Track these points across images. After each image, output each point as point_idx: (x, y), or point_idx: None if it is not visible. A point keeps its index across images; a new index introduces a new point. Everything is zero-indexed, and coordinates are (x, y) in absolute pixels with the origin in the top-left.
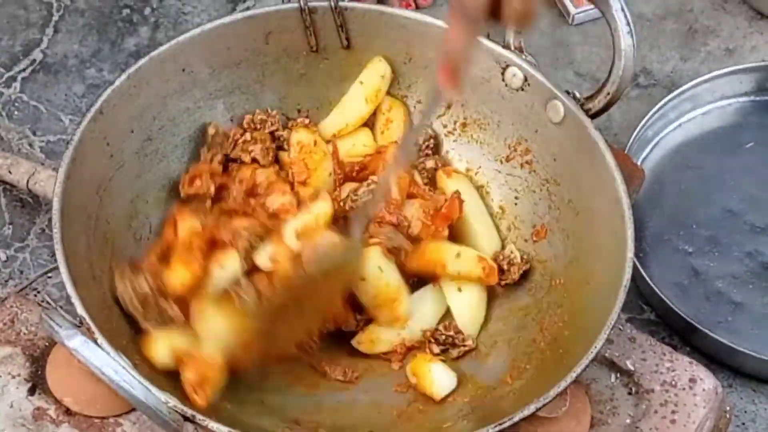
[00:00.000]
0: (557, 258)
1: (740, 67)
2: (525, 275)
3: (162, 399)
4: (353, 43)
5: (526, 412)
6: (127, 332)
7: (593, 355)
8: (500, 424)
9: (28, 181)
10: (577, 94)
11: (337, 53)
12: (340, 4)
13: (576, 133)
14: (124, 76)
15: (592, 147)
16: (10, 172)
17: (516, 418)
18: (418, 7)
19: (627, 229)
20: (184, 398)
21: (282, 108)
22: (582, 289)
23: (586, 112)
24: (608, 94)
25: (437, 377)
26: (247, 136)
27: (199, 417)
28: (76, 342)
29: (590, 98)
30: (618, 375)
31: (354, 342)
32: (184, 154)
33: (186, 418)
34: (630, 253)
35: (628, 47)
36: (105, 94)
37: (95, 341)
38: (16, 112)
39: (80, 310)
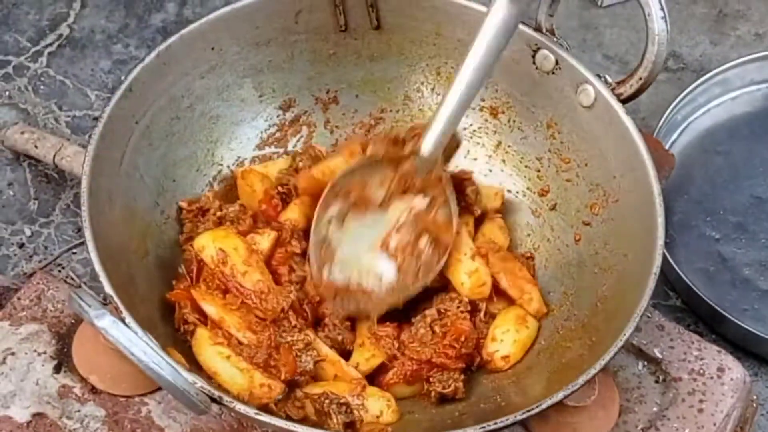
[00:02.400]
0: (586, 242)
1: None
2: (555, 258)
3: (190, 380)
4: (382, 23)
5: (555, 399)
6: (154, 312)
7: (622, 343)
8: (529, 411)
9: (54, 156)
10: (609, 79)
11: (366, 34)
12: None
13: (607, 118)
14: (153, 54)
15: (623, 132)
16: (36, 147)
17: (544, 405)
18: None
19: (657, 216)
20: (210, 380)
21: (310, 88)
22: (611, 275)
23: (618, 96)
24: (640, 79)
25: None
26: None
27: (226, 399)
28: (106, 322)
29: (622, 83)
30: (645, 363)
31: None
32: (211, 134)
33: (213, 400)
34: (660, 241)
35: (662, 32)
36: (134, 71)
37: (123, 320)
38: (42, 87)
39: (108, 288)
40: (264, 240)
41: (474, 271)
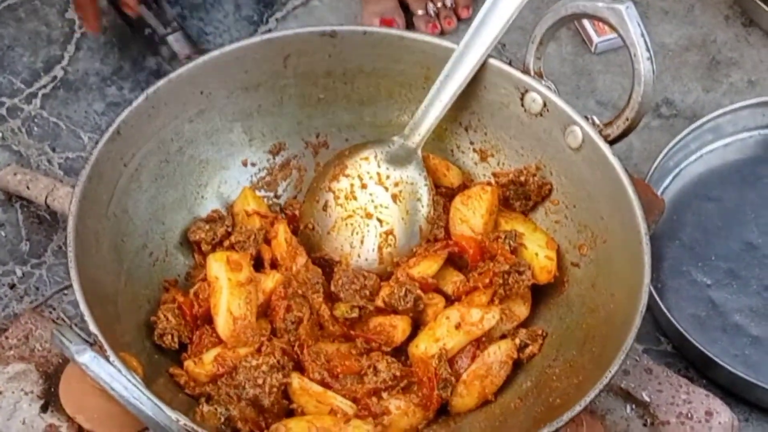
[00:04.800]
0: (574, 283)
1: (762, 99)
2: (543, 300)
3: (173, 417)
4: (375, 66)
5: None
6: (141, 351)
7: (607, 380)
8: None
9: (46, 198)
10: (596, 120)
11: (356, 78)
12: (364, 28)
13: (594, 159)
14: (142, 97)
15: (611, 173)
16: (28, 188)
17: None
18: (443, 32)
19: (644, 255)
20: (195, 416)
21: (300, 132)
22: (599, 315)
23: (605, 138)
24: (627, 119)
25: None
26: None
27: None
28: (86, 358)
29: (609, 124)
30: (633, 406)
31: None
32: (201, 177)
33: None
34: (647, 279)
35: (648, 73)
36: (123, 114)
37: (107, 358)
38: (35, 129)
39: (93, 327)
40: (269, 280)
41: (439, 339)
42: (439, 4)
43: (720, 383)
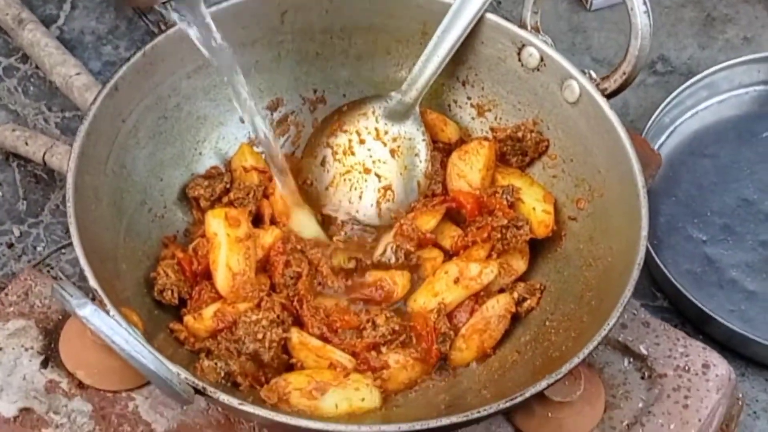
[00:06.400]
0: (572, 237)
1: (758, 56)
2: (541, 254)
3: (173, 371)
4: (372, 21)
5: (538, 387)
6: (141, 307)
7: (606, 332)
8: (512, 399)
9: (44, 154)
10: (593, 74)
11: (353, 33)
12: None
13: (591, 113)
14: (139, 53)
15: (608, 126)
16: (26, 144)
17: (527, 394)
18: None
19: (641, 208)
20: (195, 371)
21: (297, 88)
22: (596, 268)
23: (602, 92)
24: (624, 73)
25: None
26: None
27: (210, 389)
28: (87, 311)
29: (606, 78)
30: (631, 359)
31: None
32: (198, 133)
33: (197, 391)
34: (644, 232)
35: (645, 26)
36: (120, 70)
37: (107, 312)
38: (31, 88)
39: (93, 282)
40: (268, 236)
41: (438, 294)
42: None
43: (716, 338)
